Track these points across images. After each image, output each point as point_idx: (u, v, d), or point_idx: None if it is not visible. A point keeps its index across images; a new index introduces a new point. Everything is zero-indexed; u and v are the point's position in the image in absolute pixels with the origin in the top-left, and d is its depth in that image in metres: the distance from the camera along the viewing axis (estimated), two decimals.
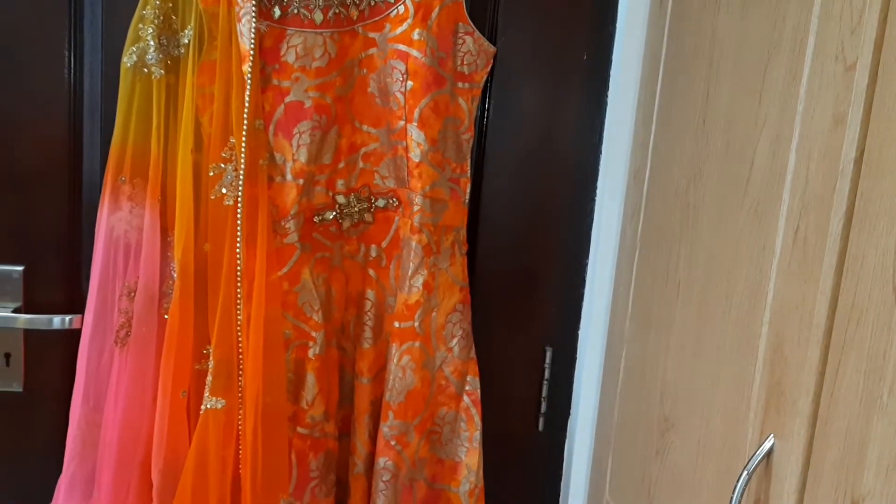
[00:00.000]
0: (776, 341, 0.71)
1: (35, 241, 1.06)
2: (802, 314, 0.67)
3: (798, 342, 0.67)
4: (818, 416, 0.65)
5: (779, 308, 0.71)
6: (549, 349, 1.19)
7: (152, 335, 1.01)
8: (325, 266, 1.06)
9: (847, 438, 0.60)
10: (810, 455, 0.65)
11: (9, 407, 1.10)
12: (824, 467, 0.63)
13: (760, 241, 0.74)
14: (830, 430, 0.63)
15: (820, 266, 0.65)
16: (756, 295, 0.75)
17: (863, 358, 0.59)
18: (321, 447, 1.06)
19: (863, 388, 0.59)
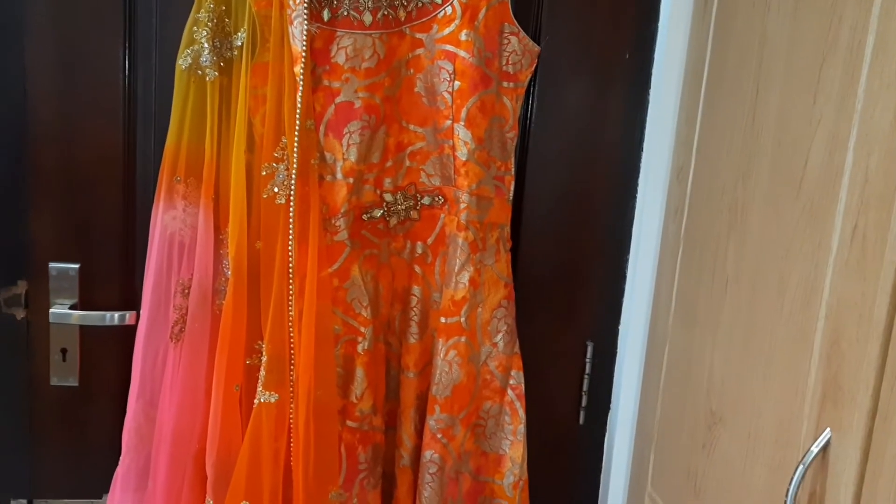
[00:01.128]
0: (833, 336, 0.72)
1: (91, 240, 1.09)
2: (861, 310, 0.68)
3: (857, 338, 0.68)
4: (878, 410, 0.66)
5: (836, 304, 0.72)
6: (590, 344, 1.21)
7: (206, 331, 1.03)
8: (373, 263, 1.08)
9: None
10: (869, 448, 0.67)
11: (65, 401, 1.12)
12: (884, 460, 0.65)
13: (816, 239, 0.75)
14: (891, 424, 0.64)
15: (880, 263, 0.66)
16: (811, 291, 0.76)
17: None
18: (369, 440, 1.08)
19: None
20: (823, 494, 0.72)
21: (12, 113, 1.05)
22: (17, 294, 1.09)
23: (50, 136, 1.07)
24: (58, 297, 1.08)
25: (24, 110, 1.06)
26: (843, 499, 0.69)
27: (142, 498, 1.07)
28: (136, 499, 1.07)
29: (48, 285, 1.08)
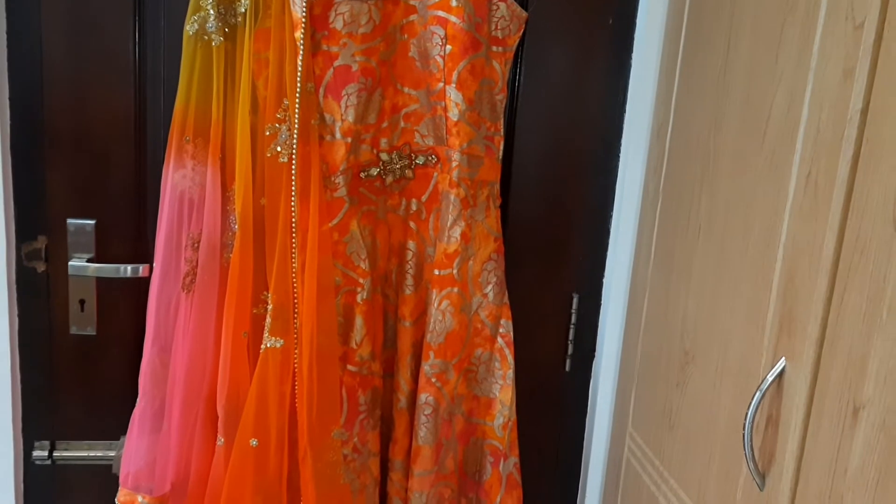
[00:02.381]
0: (789, 274, 0.79)
1: (106, 197, 1.16)
2: (812, 249, 0.75)
3: (808, 274, 0.76)
4: (825, 338, 0.73)
5: (791, 245, 0.79)
6: (575, 296, 1.28)
7: (215, 282, 1.10)
8: (371, 218, 1.15)
9: (850, 355, 0.69)
10: (818, 372, 0.74)
11: (84, 349, 1.20)
12: (829, 383, 0.72)
13: (776, 186, 0.82)
14: (836, 349, 0.71)
15: (829, 205, 0.73)
16: (771, 234, 0.83)
17: (865, 284, 0.67)
18: (369, 384, 1.15)
19: (865, 310, 0.67)
20: (779, 417, 0.80)
21: (29, 78, 1.11)
22: (37, 248, 1.16)
23: (65, 100, 1.13)
24: (76, 251, 1.15)
25: (39, 76, 1.12)
26: (794, 419, 0.77)
27: (157, 439, 1.15)
28: (152, 440, 1.15)
29: (66, 240, 1.15)
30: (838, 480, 0.70)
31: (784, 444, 0.78)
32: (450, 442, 1.18)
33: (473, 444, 1.21)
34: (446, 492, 1.18)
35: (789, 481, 0.77)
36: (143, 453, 1.14)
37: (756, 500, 0.83)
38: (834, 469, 0.71)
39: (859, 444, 0.68)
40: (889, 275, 0.65)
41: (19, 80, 1.11)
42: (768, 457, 0.81)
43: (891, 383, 0.64)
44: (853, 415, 0.69)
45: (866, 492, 0.66)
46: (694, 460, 0.99)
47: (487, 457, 1.21)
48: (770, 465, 0.81)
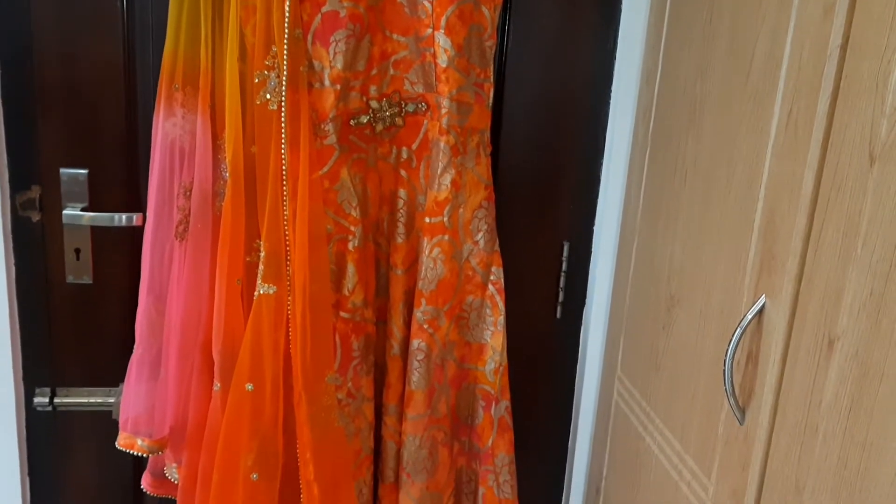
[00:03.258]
0: (769, 213, 0.80)
1: (98, 147, 1.16)
2: (792, 187, 0.76)
3: (788, 211, 0.77)
4: (803, 274, 0.75)
5: (772, 184, 0.80)
6: (566, 243, 1.29)
7: (208, 230, 1.11)
8: (361, 166, 1.15)
9: (826, 289, 0.71)
10: (796, 308, 0.76)
11: (81, 297, 1.22)
12: (807, 317, 0.74)
13: (758, 126, 0.83)
14: (813, 284, 0.73)
15: (808, 142, 0.73)
16: (753, 175, 0.84)
17: (842, 219, 0.69)
18: (362, 330, 1.17)
19: (841, 245, 0.69)
20: (758, 354, 0.82)
21: (18, 29, 1.11)
22: (31, 198, 1.17)
23: (54, 50, 1.13)
24: (69, 201, 1.17)
25: (28, 27, 1.12)
26: (773, 355, 0.78)
27: (155, 385, 1.17)
28: (150, 386, 1.17)
29: (60, 189, 1.16)
30: (813, 411, 0.72)
31: (763, 380, 0.80)
32: (442, 387, 1.20)
33: (465, 388, 1.24)
34: (439, 435, 1.21)
35: (767, 414, 0.79)
36: (142, 399, 1.16)
37: (736, 434, 0.85)
38: (809, 401, 0.73)
39: (833, 375, 0.69)
40: (864, 209, 0.66)
41: (8, 32, 1.11)
42: (748, 392, 0.83)
43: (864, 314, 0.65)
44: (828, 347, 0.70)
45: (839, 421, 0.68)
46: (678, 400, 1.02)
47: (479, 401, 1.23)
48: (749, 400, 0.83)
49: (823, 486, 0.70)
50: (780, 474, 0.77)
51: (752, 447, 0.82)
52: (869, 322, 0.65)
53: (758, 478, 0.81)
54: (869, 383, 0.64)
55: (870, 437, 0.64)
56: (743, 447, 0.84)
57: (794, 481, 0.75)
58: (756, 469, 0.81)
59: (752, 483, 0.82)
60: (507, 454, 1.23)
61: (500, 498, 1.23)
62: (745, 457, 0.83)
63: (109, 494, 1.31)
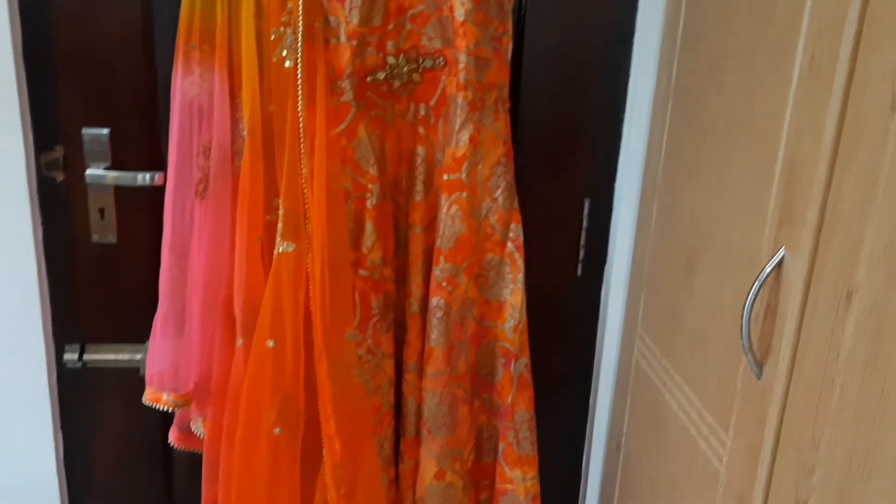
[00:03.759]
0: (790, 163, 0.78)
1: (119, 106, 1.17)
2: (813, 135, 0.74)
3: (809, 160, 0.75)
4: (823, 224, 0.73)
5: (794, 133, 0.78)
6: (587, 200, 1.28)
7: (227, 189, 1.12)
8: (379, 124, 1.15)
9: (846, 240, 0.69)
10: (815, 260, 0.74)
11: (106, 256, 1.24)
12: (825, 269, 0.72)
13: (780, 74, 0.80)
14: (833, 234, 0.71)
15: (830, 88, 0.71)
16: (775, 124, 0.82)
17: (862, 166, 0.67)
18: (380, 288, 1.18)
19: (861, 193, 0.67)
20: (776, 307, 0.80)
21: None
22: (55, 158, 1.19)
23: (72, 11, 1.14)
24: (92, 161, 1.18)
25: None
26: (791, 308, 0.77)
27: (180, 342, 1.19)
28: (174, 343, 1.19)
29: (83, 149, 1.18)
30: (830, 365, 0.71)
31: (780, 333, 0.79)
32: (461, 344, 1.20)
33: (485, 346, 1.24)
34: (459, 392, 1.22)
35: (785, 368, 0.78)
36: (167, 356, 1.19)
37: (753, 388, 0.84)
38: (827, 354, 0.72)
39: (851, 328, 0.68)
40: (885, 156, 0.64)
41: None
42: (766, 346, 0.82)
43: (882, 264, 0.64)
44: (846, 299, 0.69)
45: (856, 373, 0.67)
46: (697, 356, 1.01)
47: (499, 358, 1.23)
48: (767, 355, 0.82)
49: (839, 440, 0.69)
50: (796, 428, 0.77)
51: (769, 401, 0.81)
52: (887, 273, 0.63)
53: (774, 432, 0.80)
54: (886, 335, 0.63)
55: (887, 389, 0.63)
56: (760, 402, 0.83)
57: (810, 435, 0.74)
58: (773, 424, 0.80)
59: (769, 437, 0.81)
60: (526, 411, 1.23)
61: (519, 454, 1.24)
62: (762, 411, 0.82)
63: (139, 448, 1.35)
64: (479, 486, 1.32)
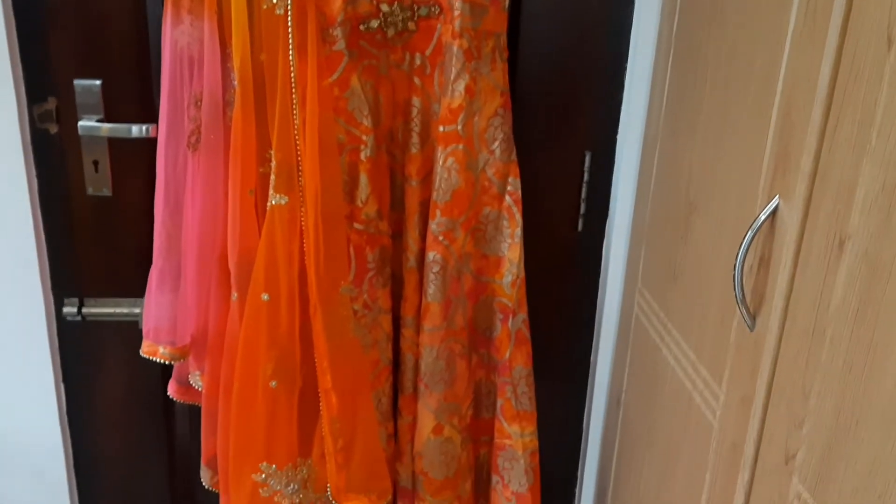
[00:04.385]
0: (786, 109, 0.76)
1: (109, 57, 1.16)
2: (809, 78, 0.71)
3: (804, 106, 0.72)
4: (818, 171, 0.71)
5: (790, 77, 0.75)
6: (588, 154, 1.25)
7: (220, 140, 1.10)
8: (373, 74, 1.13)
9: (839, 186, 0.67)
10: (808, 208, 0.72)
11: (102, 210, 1.24)
12: (819, 216, 0.70)
13: (777, 18, 0.77)
14: (826, 181, 0.69)
15: (826, 30, 0.68)
16: (771, 70, 0.79)
17: (857, 109, 0.64)
18: (376, 242, 1.17)
19: (855, 138, 0.64)
20: (770, 258, 0.78)
21: None
22: (48, 110, 1.18)
23: None
24: (85, 112, 1.17)
25: None
26: (784, 258, 0.75)
27: (176, 296, 1.20)
28: (171, 297, 1.20)
29: (75, 101, 1.17)
30: (822, 315, 0.69)
31: (774, 284, 0.77)
32: (459, 299, 1.19)
33: (483, 301, 1.23)
34: (456, 347, 1.21)
35: (777, 320, 0.77)
36: (164, 309, 1.19)
37: (747, 341, 0.83)
38: (818, 304, 0.70)
39: (843, 276, 0.66)
40: (880, 98, 0.61)
41: None
42: (759, 298, 0.80)
43: (875, 209, 0.61)
44: (839, 247, 0.67)
45: (846, 323, 0.65)
46: (694, 310, 0.99)
47: (497, 314, 1.22)
48: (760, 306, 0.80)
49: (829, 390, 0.68)
50: (787, 380, 0.75)
51: (762, 353, 0.79)
52: (880, 218, 0.61)
53: (766, 384, 0.79)
54: (877, 283, 0.61)
55: (875, 339, 0.61)
56: (753, 354, 0.81)
57: (801, 386, 0.72)
58: (765, 376, 0.79)
59: (761, 390, 0.80)
60: (524, 366, 1.22)
61: (517, 410, 1.24)
62: (755, 363, 0.81)
63: (140, 401, 1.37)
64: (479, 442, 1.32)
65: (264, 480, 1.18)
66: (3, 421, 1.32)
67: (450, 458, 1.25)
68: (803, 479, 0.72)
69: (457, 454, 1.25)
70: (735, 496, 0.85)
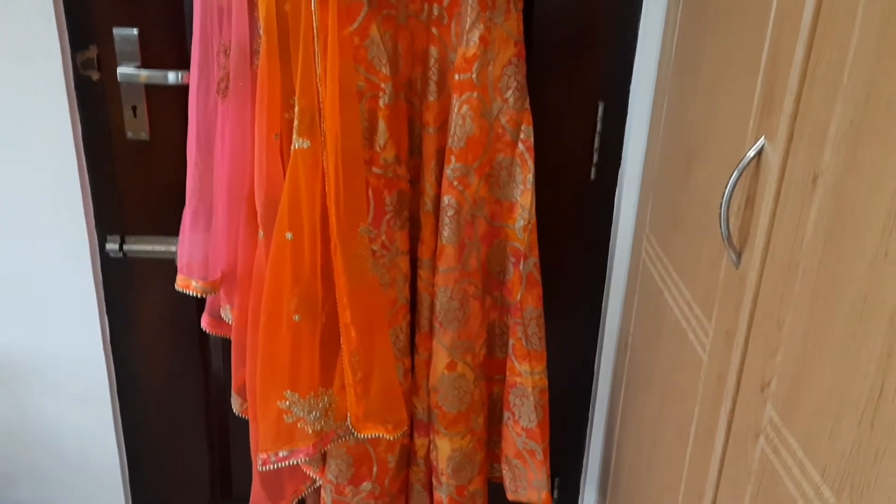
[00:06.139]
0: (773, 50, 0.79)
1: (145, 5, 1.23)
2: (794, 19, 0.74)
3: (788, 48, 0.75)
4: (798, 111, 0.74)
5: (779, 19, 0.78)
6: (601, 104, 1.28)
7: (247, 87, 1.17)
8: (392, 23, 1.17)
9: (815, 124, 0.70)
10: (790, 146, 0.75)
11: (140, 153, 1.32)
12: (798, 154, 0.73)
13: None
14: (806, 120, 0.72)
15: None
16: (763, 12, 0.81)
17: (834, 49, 0.67)
18: (394, 186, 1.23)
19: (831, 77, 0.67)
20: (755, 197, 0.82)
21: None
22: (90, 57, 1.26)
23: None
24: (124, 60, 1.25)
25: None
26: (767, 196, 0.79)
27: (208, 235, 1.28)
28: (203, 235, 1.27)
29: (114, 48, 1.24)
30: (796, 249, 0.73)
31: (757, 222, 0.81)
32: (472, 242, 1.25)
33: (496, 245, 1.28)
34: (470, 288, 1.27)
35: (759, 256, 0.81)
36: (197, 247, 1.27)
37: (733, 277, 0.87)
38: (794, 239, 0.73)
39: (815, 211, 0.70)
40: (853, 37, 0.64)
41: None
42: (744, 237, 0.84)
43: (844, 145, 0.65)
44: (812, 183, 0.70)
45: (816, 256, 0.69)
46: (691, 251, 1.03)
47: (509, 257, 1.28)
48: (745, 244, 0.84)
49: (798, 320, 0.72)
50: (765, 312, 0.79)
51: (745, 288, 0.83)
52: (847, 153, 0.64)
53: (747, 317, 0.83)
54: (842, 216, 0.65)
55: (838, 269, 0.65)
56: (738, 289, 0.85)
57: (776, 318, 0.77)
58: (747, 309, 0.83)
59: (743, 323, 0.84)
60: (535, 308, 1.28)
61: (528, 349, 1.29)
62: (739, 298, 0.85)
63: (176, 332, 1.46)
64: (492, 380, 1.39)
65: (288, 407, 1.27)
66: (53, 349, 1.43)
67: (463, 393, 1.31)
68: (775, 405, 0.76)
69: (469, 390, 1.32)
70: (718, 425, 0.89)
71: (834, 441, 0.64)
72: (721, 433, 0.88)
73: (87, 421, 1.47)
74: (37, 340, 1.42)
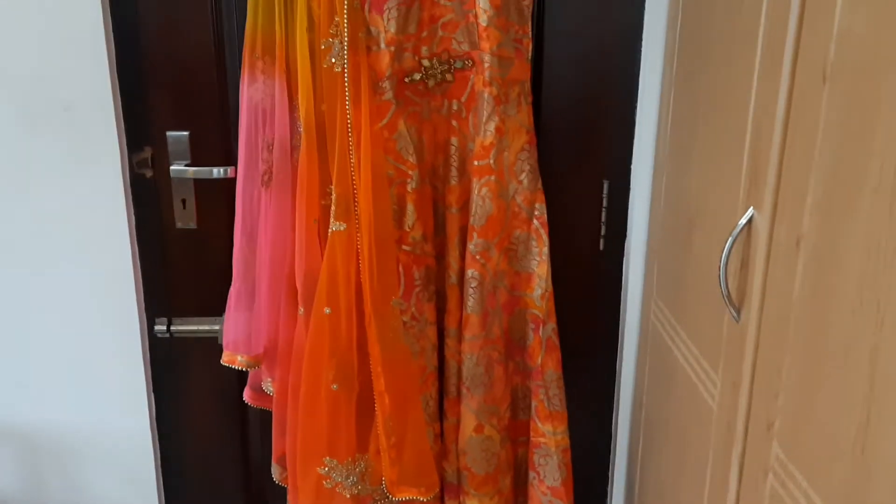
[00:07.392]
0: (756, 134, 0.91)
1: (196, 111, 1.38)
2: (770, 106, 0.87)
3: (768, 130, 0.88)
4: (780, 185, 0.86)
5: (758, 107, 0.91)
6: (606, 182, 1.42)
7: (288, 178, 1.30)
8: (417, 118, 1.32)
9: (794, 195, 0.82)
10: (775, 215, 0.87)
11: (188, 241, 1.45)
12: (783, 221, 0.85)
13: (748, 58, 0.93)
14: (787, 192, 0.84)
15: (781, 65, 0.84)
16: (744, 101, 0.94)
17: (805, 130, 0.80)
18: (422, 262, 1.34)
19: (804, 153, 0.80)
20: (749, 259, 0.93)
21: (127, 21, 1.34)
22: (144, 157, 1.40)
23: (157, 35, 1.35)
24: (175, 159, 1.39)
25: (135, 19, 1.35)
26: (759, 257, 0.90)
27: (251, 314, 1.39)
28: (247, 314, 1.39)
29: (167, 149, 1.39)
30: (787, 302, 0.84)
31: (752, 281, 0.92)
32: (495, 311, 1.36)
33: (517, 313, 1.39)
34: (494, 354, 1.37)
35: (756, 311, 0.91)
36: (241, 324, 1.38)
37: (735, 331, 0.97)
38: (784, 293, 0.84)
39: (800, 269, 0.81)
40: (819, 119, 0.77)
41: (119, 22, 1.34)
42: (742, 294, 0.95)
43: (819, 211, 0.77)
44: (796, 245, 0.82)
45: (804, 308, 0.80)
46: (697, 311, 1.14)
47: (529, 324, 1.38)
48: (743, 301, 0.95)
49: (794, 365, 0.82)
50: (765, 360, 0.89)
51: (746, 340, 0.94)
52: (822, 219, 0.76)
53: (750, 366, 0.93)
54: (824, 272, 0.76)
55: (825, 318, 0.76)
56: (739, 342, 0.96)
57: (775, 365, 0.87)
58: (749, 359, 0.93)
59: (747, 372, 0.94)
60: (555, 371, 1.37)
61: (550, 410, 1.38)
62: (741, 350, 0.95)
63: (219, 407, 1.55)
64: (517, 442, 1.47)
65: (327, 473, 1.35)
66: (101, 426, 1.52)
67: (490, 455, 1.40)
68: (781, 443, 0.85)
69: (496, 451, 1.40)
70: (731, 468, 0.98)
71: (832, 468, 0.74)
72: (734, 474, 0.97)
73: (134, 499, 1.55)
74: (87, 417, 1.51)
